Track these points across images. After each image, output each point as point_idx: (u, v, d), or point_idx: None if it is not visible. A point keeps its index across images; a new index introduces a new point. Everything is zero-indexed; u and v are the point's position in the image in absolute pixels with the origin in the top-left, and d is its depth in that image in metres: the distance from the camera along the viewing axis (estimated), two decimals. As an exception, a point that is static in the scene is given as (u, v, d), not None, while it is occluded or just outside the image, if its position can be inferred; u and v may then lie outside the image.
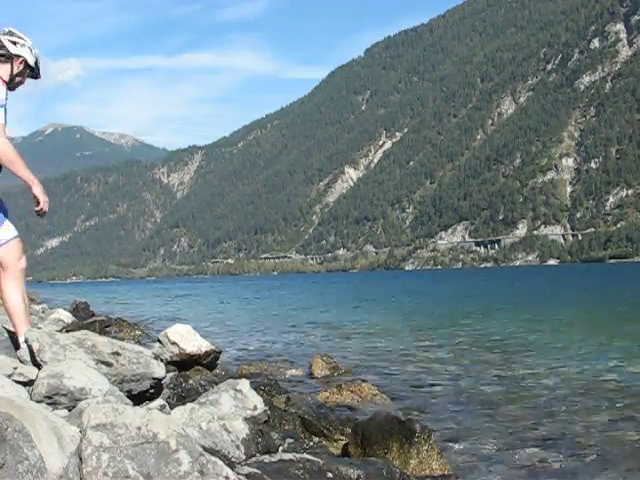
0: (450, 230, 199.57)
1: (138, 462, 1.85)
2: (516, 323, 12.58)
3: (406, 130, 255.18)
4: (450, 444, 3.97)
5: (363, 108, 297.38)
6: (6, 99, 3.80)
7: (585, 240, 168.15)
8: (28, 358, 3.24)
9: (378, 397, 5.00)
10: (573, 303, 19.29)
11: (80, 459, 1.86)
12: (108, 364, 3.19)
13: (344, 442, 3.59)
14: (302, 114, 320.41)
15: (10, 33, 3.92)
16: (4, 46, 3.88)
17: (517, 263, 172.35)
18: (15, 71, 3.88)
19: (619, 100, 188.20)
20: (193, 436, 2.43)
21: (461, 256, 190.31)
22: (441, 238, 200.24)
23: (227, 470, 2.00)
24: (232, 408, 3.18)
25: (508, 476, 3.44)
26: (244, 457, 2.77)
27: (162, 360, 4.98)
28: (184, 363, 5.35)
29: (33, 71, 3.98)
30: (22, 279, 3.87)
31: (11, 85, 3.89)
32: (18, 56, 3.86)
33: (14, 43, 3.89)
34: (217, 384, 3.74)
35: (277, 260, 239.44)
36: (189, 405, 2.98)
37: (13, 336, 3.95)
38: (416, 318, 14.33)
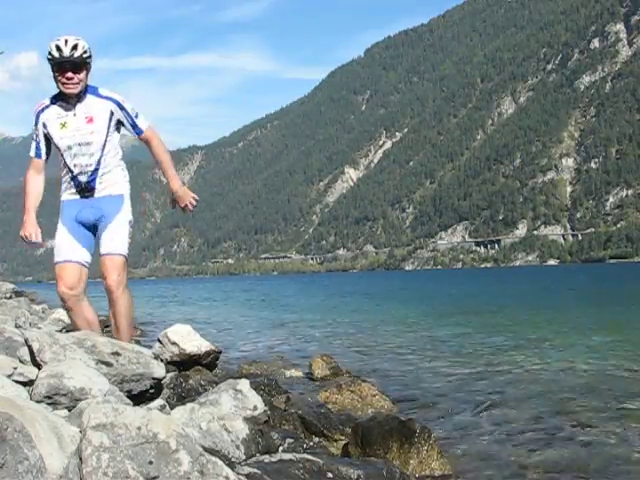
0: (450, 230, 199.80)
1: (138, 462, 1.85)
2: (521, 323, 12.58)
3: (406, 130, 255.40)
4: (450, 444, 3.96)
5: (363, 108, 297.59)
6: (37, 126, 3.97)
7: (585, 240, 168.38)
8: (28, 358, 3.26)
9: (378, 397, 5.00)
10: (572, 303, 19.32)
11: (80, 459, 1.86)
12: (108, 364, 3.19)
13: (344, 442, 3.58)
14: (302, 114, 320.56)
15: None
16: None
17: (517, 263, 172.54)
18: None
19: (619, 100, 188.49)
20: (193, 436, 2.43)
21: (461, 256, 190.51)
22: (441, 238, 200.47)
23: (227, 470, 2.00)
24: (232, 408, 3.18)
25: (509, 476, 3.44)
26: (244, 457, 2.76)
27: (162, 360, 4.98)
28: (184, 363, 5.35)
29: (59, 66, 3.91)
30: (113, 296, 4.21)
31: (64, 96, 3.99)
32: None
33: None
34: (217, 384, 3.74)
35: (277, 260, 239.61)
36: (189, 405, 2.97)
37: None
38: (417, 318, 14.33)
